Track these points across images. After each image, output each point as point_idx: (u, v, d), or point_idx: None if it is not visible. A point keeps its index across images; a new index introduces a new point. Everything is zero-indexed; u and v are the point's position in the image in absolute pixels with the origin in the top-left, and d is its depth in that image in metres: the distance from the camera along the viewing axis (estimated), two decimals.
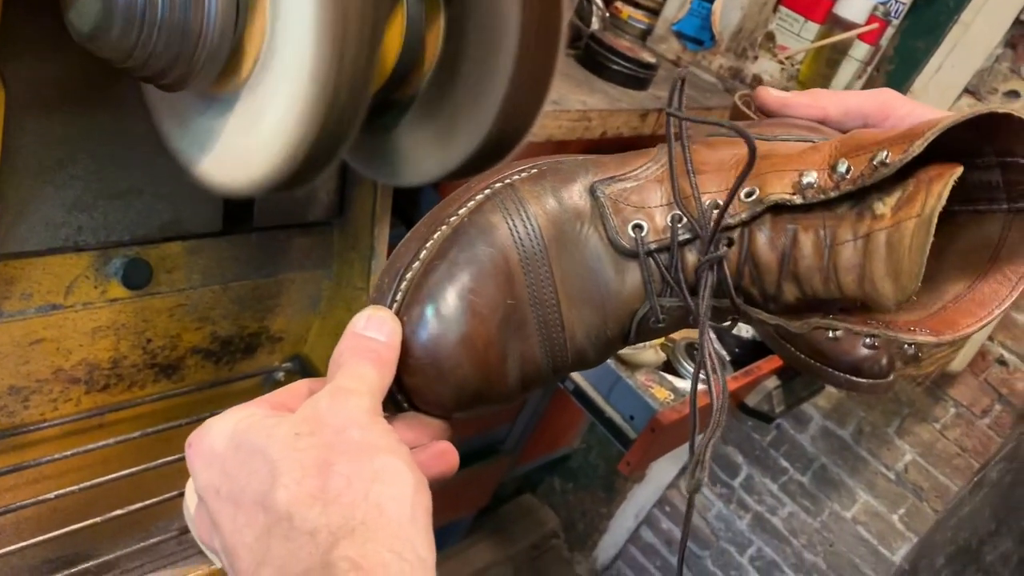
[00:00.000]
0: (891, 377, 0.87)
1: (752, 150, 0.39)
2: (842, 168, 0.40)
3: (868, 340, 0.41)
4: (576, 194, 0.45)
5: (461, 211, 0.45)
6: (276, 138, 0.56)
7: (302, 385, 0.44)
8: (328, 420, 0.38)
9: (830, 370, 0.58)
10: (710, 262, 0.42)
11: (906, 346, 0.39)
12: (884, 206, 0.40)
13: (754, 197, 0.42)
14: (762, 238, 0.42)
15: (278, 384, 0.96)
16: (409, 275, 0.44)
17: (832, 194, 0.40)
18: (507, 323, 0.43)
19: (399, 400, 0.44)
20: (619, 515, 2.06)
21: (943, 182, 0.37)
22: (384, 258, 0.88)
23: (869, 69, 1.54)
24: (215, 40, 0.52)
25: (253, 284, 0.86)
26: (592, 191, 0.45)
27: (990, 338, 1.50)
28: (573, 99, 0.91)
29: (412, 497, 0.36)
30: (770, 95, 0.50)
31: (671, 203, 0.44)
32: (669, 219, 0.44)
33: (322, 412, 0.38)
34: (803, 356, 0.55)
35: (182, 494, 0.46)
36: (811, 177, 0.41)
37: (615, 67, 1.13)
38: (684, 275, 0.43)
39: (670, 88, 0.46)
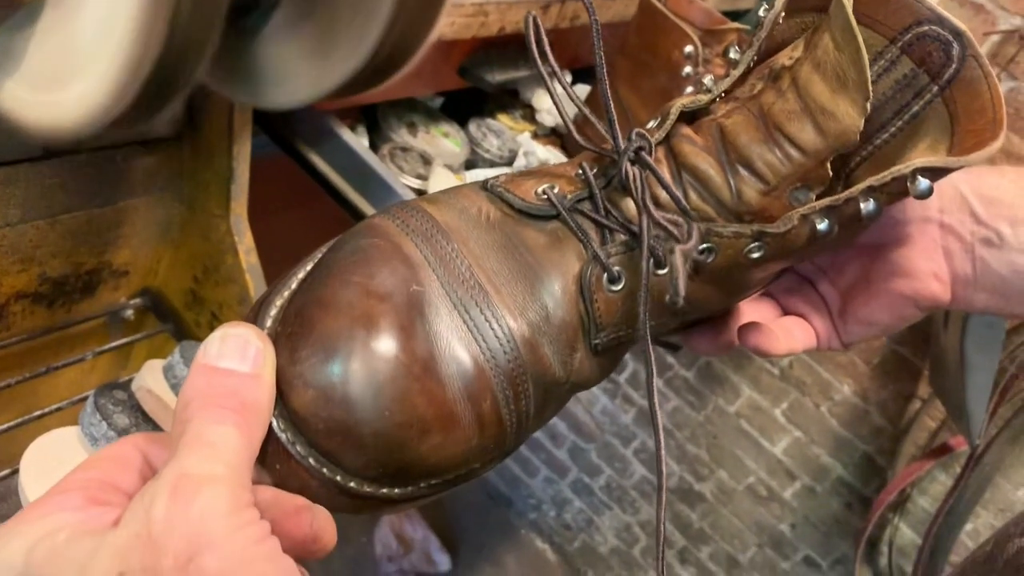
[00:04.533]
0: None
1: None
2: (733, 53, 0.41)
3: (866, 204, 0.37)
4: (470, 191, 0.39)
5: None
6: (99, 55, 0.42)
7: (129, 448, 0.31)
8: (166, 542, 0.25)
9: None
10: (634, 161, 0.37)
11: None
12: (794, 51, 0.39)
13: (660, 118, 0.40)
14: (688, 146, 0.39)
15: (127, 323, 0.83)
16: (279, 301, 0.34)
17: (734, 71, 0.40)
18: (414, 307, 0.33)
19: (296, 450, 0.32)
20: None
21: None
22: (246, 179, 0.75)
23: None
24: None
25: (87, 215, 0.72)
26: (485, 186, 0.39)
27: None
28: None
29: None
30: None
31: (577, 165, 0.40)
32: (582, 165, 0.40)
33: (157, 529, 0.26)
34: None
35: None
36: (708, 78, 0.41)
37: None
38: (621, 213, 0.38)
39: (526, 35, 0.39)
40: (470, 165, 0.98)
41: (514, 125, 1.04)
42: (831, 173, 0.37)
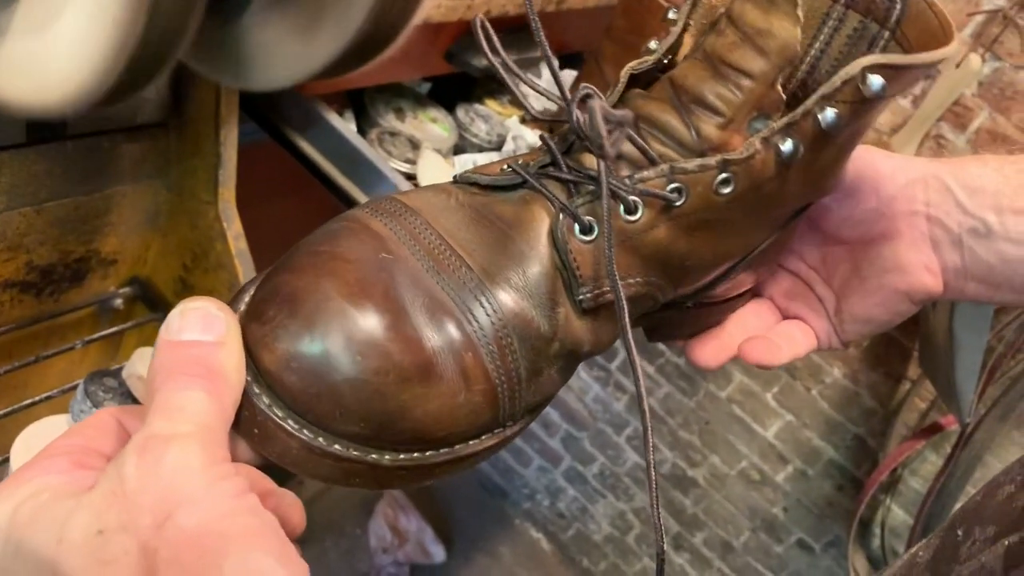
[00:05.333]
0: None
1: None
2: (672, 14, 0.41)
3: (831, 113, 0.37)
4: (440, 185, 0.40)
5: None
6: (80, 37, 0.42)
7: (107, 417, 0.31)
8: (142, 500, 0.25)
9: None
10: (583, 98, 0.36)
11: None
12: None
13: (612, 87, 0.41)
14: (641, 100, 0.39)
15: (116, 312, 0.83)
16: (252, 288, 0.35)
17: (674, 29, 0.41)
18: (384, 269, 0.34)
19: (276, 414, 0.32)
20: None
21: None
22: (233, 165, 0.75)
23: None
24: None
25: (74, 202, 0.71)
26: (454, 179, 0.40)
27: None
28: None
29: None
30: None
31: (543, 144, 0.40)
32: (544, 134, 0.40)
33: (130, 487, 0.25)
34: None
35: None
36: (652, 42, 0.41)
37: None
38: (584, 168, 0.38)
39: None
40: (458, 150, 0.98)
41: (502, 110, 1.04)
42: (783, 96, 0.38)
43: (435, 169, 0.85)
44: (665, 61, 0.41)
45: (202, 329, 0.30)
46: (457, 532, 2.02)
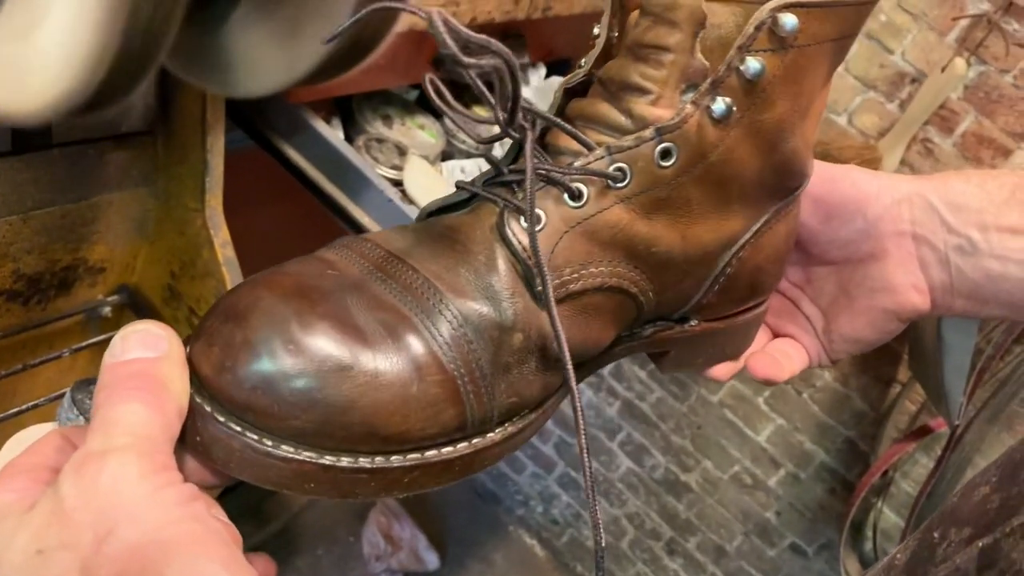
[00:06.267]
0: None
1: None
2: (596, 28, 0.41)
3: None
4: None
5: None
6: (62, 44, 0.42)
7: (58, 437, 0.31)
8: (82, 517, 0.25)
9: None
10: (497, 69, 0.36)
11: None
12: None
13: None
14: (575, 103, 0.40)
15: (104, 320, 0.83)
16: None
17: (598, 42, 0.41)
18: (324, 277, 0.34)
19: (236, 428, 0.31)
20: None
21: None
22: (220, 172, 0.75)
23: None
24: None
25: (61, 210, 0.71)
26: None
27: None
28: None
29: None
30: None
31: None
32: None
33: (69, 505, 0.25)
34: None
35: None
36: (583, 60, 0.42)
37: None
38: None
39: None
40: (446, 156, 0.98)
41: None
42: (706, 63, 0.37)
43: (422, 175, 0.85)
44: (591, 70, 0.42)
45: (143, 348, 0.30)
46: (451, 539, 2.02)
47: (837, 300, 0.50)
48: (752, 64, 0.36)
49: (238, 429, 0.31)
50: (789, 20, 0.36)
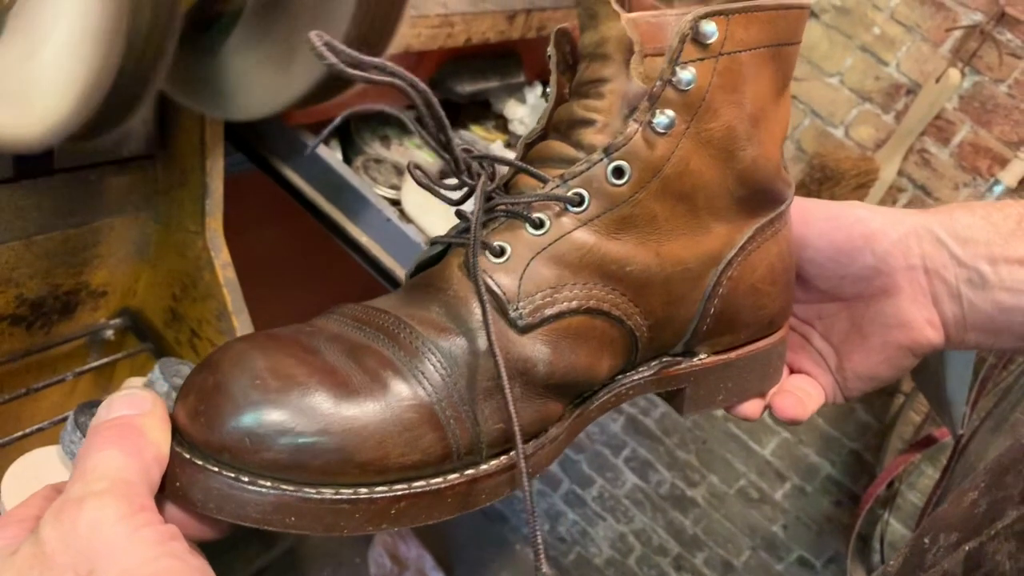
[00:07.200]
0: None
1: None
2: (548, 88, 0.43)
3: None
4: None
5: None
6: (61, 71, 0.43)
7: (51, 491, 0.32)
8: (62, 560, 0.26)
9: None
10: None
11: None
12: None
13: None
14: (533, 151, 0.41)
15: (106, 344, 0.83)
16: None
17: (549, 102, 0.42)
18: (299, 332, 0.36)
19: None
20: None
21: None
22: (220, 194, 0.76)
23: None
24: None
25: (62, 235, 0.72)
26: None
27: None
28: (432, 1, 0.80)
29: None
30: None
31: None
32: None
33: (49, 548, 0.26)
34: None
35: None
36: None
37: None
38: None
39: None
40: (444, 176, 0.99)
41: (487, 135, 1.05)
42: (643, 84, 0.38)
43: (419, 194, 0.86)
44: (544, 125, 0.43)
45: (128, 407, 0.31)
46: (457, 559, 2.01)
47: (850, 337, 0.49)
48: (683, 75, 0.37)
49: (215, 469, 0.31)
50: (709, 27, 0.37)
